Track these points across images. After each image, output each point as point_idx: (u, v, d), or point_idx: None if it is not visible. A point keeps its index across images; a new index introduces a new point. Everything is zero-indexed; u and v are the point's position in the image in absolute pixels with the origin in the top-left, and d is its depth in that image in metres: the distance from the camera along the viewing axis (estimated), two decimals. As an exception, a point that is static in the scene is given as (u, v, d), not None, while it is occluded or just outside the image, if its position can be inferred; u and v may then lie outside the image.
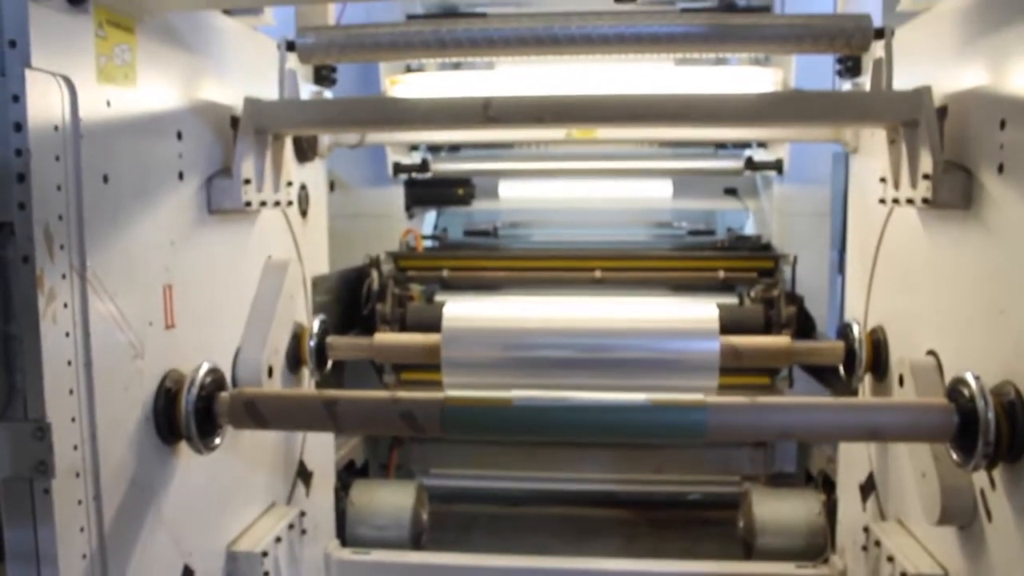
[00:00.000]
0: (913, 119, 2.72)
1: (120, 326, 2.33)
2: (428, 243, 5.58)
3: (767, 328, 4.23)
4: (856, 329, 3.41)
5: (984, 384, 2.30)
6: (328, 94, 3.84)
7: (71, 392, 2.13)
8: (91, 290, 2.19)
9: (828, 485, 4.21)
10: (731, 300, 4.53)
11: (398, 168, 5.14)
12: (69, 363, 2.12)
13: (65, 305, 2.10)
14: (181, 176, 2.67)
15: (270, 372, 3.11)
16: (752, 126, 3.68)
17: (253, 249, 3.19)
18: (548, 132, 3.92)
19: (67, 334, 2.11)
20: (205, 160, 2.83)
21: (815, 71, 4.22)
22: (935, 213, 2.74)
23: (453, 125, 3.29)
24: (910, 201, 2.79)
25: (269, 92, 3.18)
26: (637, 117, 2.76)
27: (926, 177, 2.64)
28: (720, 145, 5.28)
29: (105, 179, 2.26)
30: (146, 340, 2.45)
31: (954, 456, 2.40)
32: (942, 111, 2.72)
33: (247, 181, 2.87)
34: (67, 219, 2.11)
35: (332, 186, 4.53)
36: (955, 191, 2.56)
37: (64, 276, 2.10)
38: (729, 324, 3.48)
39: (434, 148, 5.36)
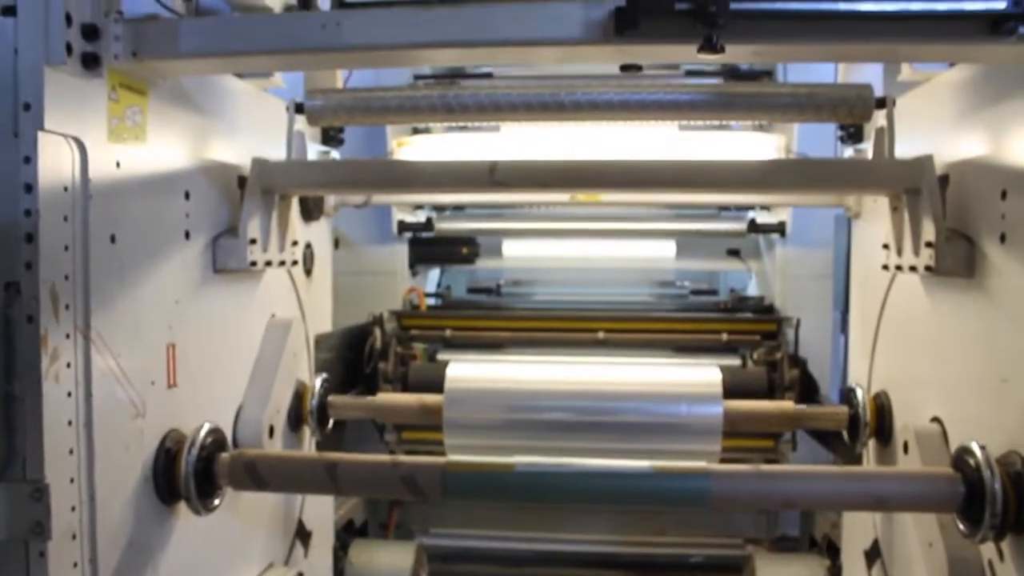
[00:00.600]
0: (915, 187, 2.74)
1: (122, 385, 2.32)
2: (431, 301, 5.59)
3: (770, 391, 4.21)
4: (860, 394, 3.39)
5: (990, 454, 2.28)
6: (335, 154, 3.88)
7: (71, 452, 2.12)
8: (94, 350, 2.19)
9: (832, 550, 4.16)
10: (734, 362, 4.51)
11: (402, 226, 5.17)
12: (70, 423, 2.11)
13: (68, 365, 2.10)
14: (188, 235, 2.69)
15: (271, 432, 3.09)
16: (756, 193, 3.71)
17: (257, 307, 3.20)
18: (553, 195, 3.95)
19: (69, 394, 2.11)
20: (212, 219, 2.85)
21: (817, 136, 4.27)
22: (938, 280, 2.75)
23: (459, 188, 3.33)
24: (913, 268, 2.80)
25: (277, 152, 3.21)
26: (642, 183, 2.79)
27: (929, 245, 2.65)
28: (723, 207, 5.32)
29: (112, 239, 2.28)
30: (148, 399, 2.44)
31: (961, 526, 2.37)
32: (943, 179, 2.74)
33: (253, 241, 2.89)
34: (73, 279, 2.12)
35: (336, 243, 4.55)
36: (958, 259, 2.57)
37: (68, 336, 2.10)
38: (732, 387, 3.47)
39: (439, 207, 5.39)
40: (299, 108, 3.19)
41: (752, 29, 1.95)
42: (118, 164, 2.30)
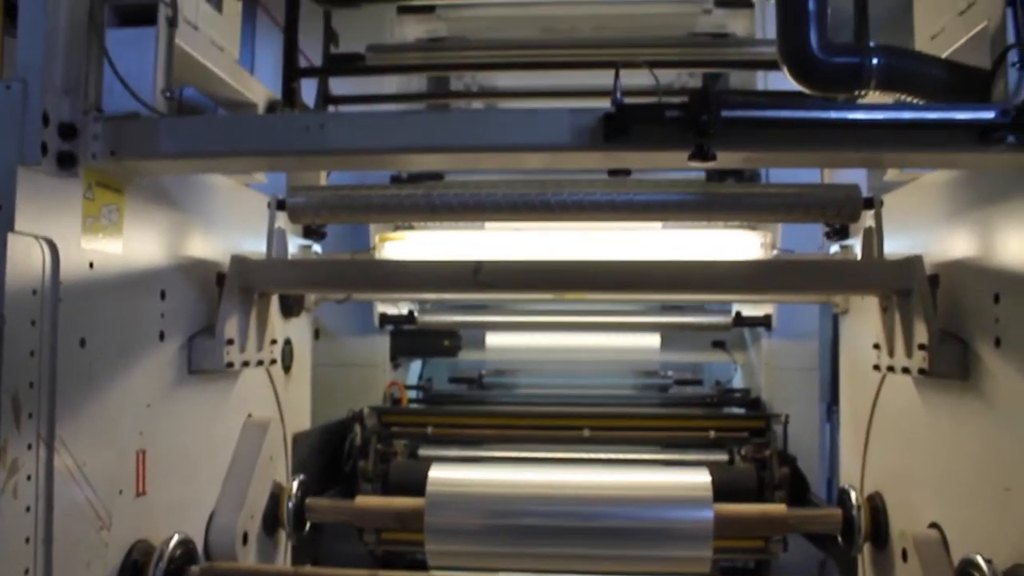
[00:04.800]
0: (906, 288, 2.71)
1: (87, 496, 2.20)
2: (412, 393, 5.47)
3: (760, 490, 4.09)
4: (854, 496, 3.29)
5: (996, 568, 2.19)
6: (317, 248, 3.82)
7: (26, 573, 1.99)
8: (58, 460, 2.08)
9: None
10: (721, 457, 4.40)
11: (384, 319, 5.09)
12: (27, 540, 1.99)
13: (28, 477, 1.99)
14: (162, 336, 2.61)
15: (245, 538, 2.96)
16: (745, 294, 3.67)
17: (233, 408, 3.09)
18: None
19: (28, 508, 1.99)
20: (188, 319, 2.77)
21: (801, 230, 4.25)
22: (932, 381, 2.69)
23: (443, 289, 3.27)
24: (906, 370, 2.75)
25: (258, 245, 3.16)
26: (629, 285, 2.75)
27: (922, 347, 2.61)
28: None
29: (82, 343, 2.19)
30: (114, 510, 2.32)
31: (968, 644, 2.26)
32: (934, 280, 2.71)
33: (230, 341, 2.81)
34: (38, 386, 2.03)
35: (317, 334, 4.46)
36: (952, 362, 2.52)
37: (30, 446, 2.00)
38: (720, 485, 3.37)
39: (421, 300, 5.33)
40: (281, 205, 3.15)
41: (742, 137, 1.92)
42: (91, 265, 2.23)
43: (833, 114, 1.92)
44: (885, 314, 2.91)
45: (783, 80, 2.63)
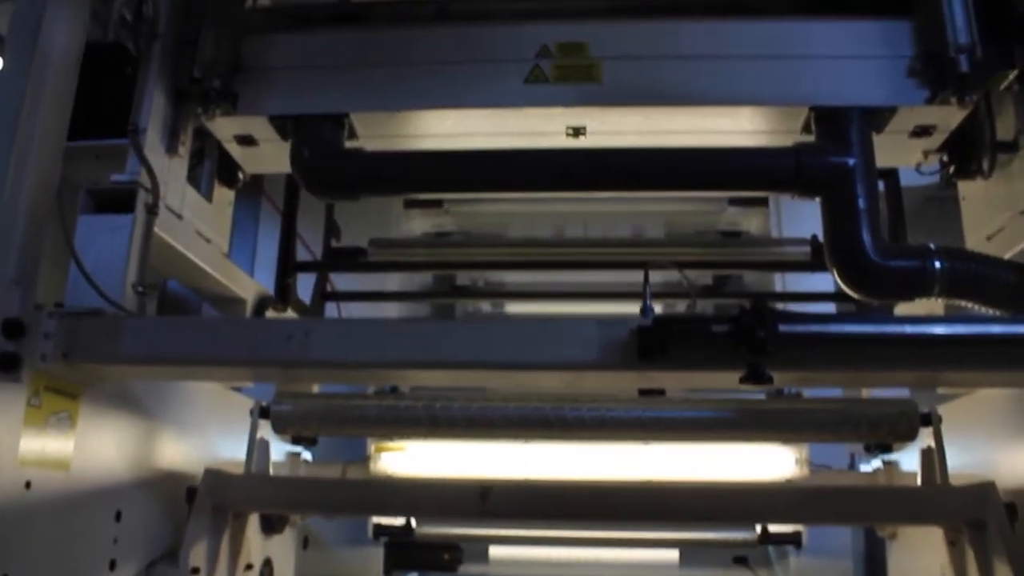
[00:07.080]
0: (979, 519, 2.33)
1: None
2: (408, 612, 4.95)
3: None
4: None
5: None
6: (307, 455, 3.47)
7: None
8: None
9: None
10: None
11: (379, 529, 4.65)
12: None
13: None
14: (113, 566, 2.24)
15: None
16: (790, 522, 3.28)
17: (194, 648, 2.65)
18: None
19: None
20: (148, 542, 2.42)
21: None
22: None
23: (445, 515, 2.91)
24: (988, 620, 2.34)
25: (238, 453, 2.81)
26: (659, 515, 2.40)
27: (1008, 593, 2.21)
28: (732, 511, 4.85)
29: (3, 583, 1.83)
30: None
31: None
32: (1010, 509, 2.34)
33: (195, 570, 2.42)
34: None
35: (306, 543, 4.04)
36: (1051, 611, 2.13)
37: None
38: None
39: (420, 509, 4.90)
40: (264, 412, 2.83)
41: (802, 355, 1.63)
42: (28, 485, 1.90)
43: (908, 328, 1.63)
44: (952, 548, 2.53)
45: (803, 281, 2.35)
